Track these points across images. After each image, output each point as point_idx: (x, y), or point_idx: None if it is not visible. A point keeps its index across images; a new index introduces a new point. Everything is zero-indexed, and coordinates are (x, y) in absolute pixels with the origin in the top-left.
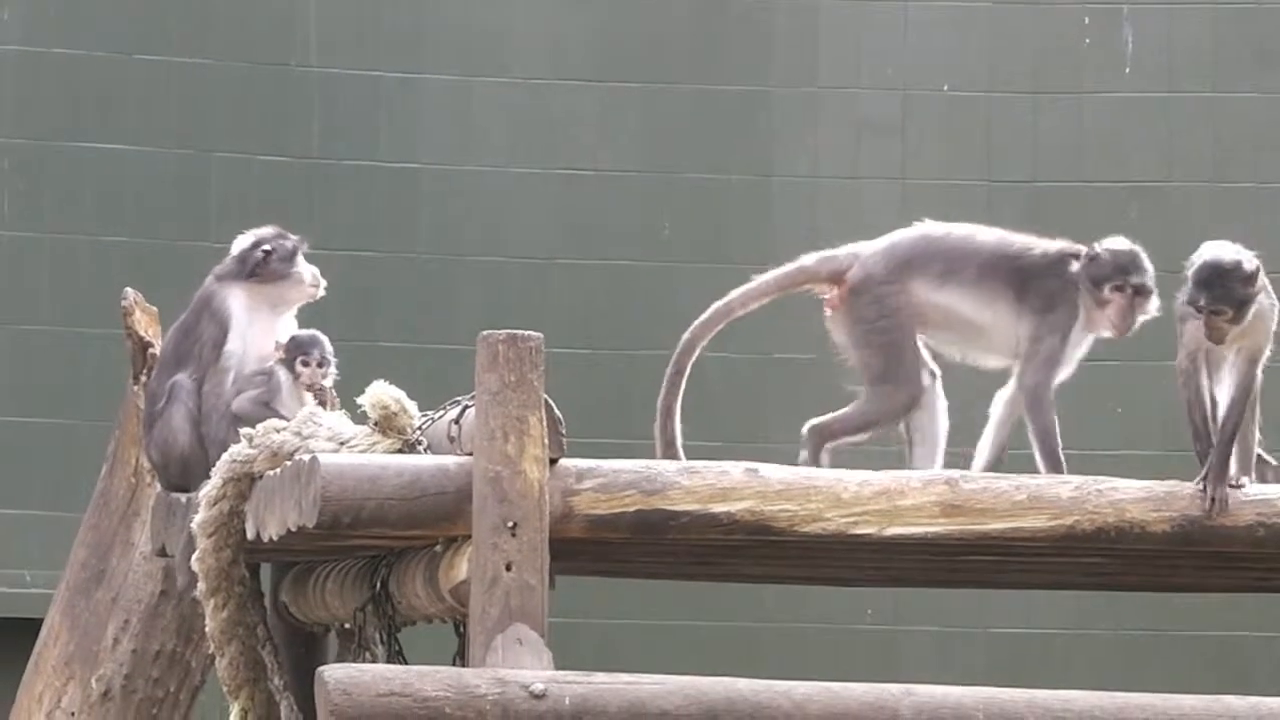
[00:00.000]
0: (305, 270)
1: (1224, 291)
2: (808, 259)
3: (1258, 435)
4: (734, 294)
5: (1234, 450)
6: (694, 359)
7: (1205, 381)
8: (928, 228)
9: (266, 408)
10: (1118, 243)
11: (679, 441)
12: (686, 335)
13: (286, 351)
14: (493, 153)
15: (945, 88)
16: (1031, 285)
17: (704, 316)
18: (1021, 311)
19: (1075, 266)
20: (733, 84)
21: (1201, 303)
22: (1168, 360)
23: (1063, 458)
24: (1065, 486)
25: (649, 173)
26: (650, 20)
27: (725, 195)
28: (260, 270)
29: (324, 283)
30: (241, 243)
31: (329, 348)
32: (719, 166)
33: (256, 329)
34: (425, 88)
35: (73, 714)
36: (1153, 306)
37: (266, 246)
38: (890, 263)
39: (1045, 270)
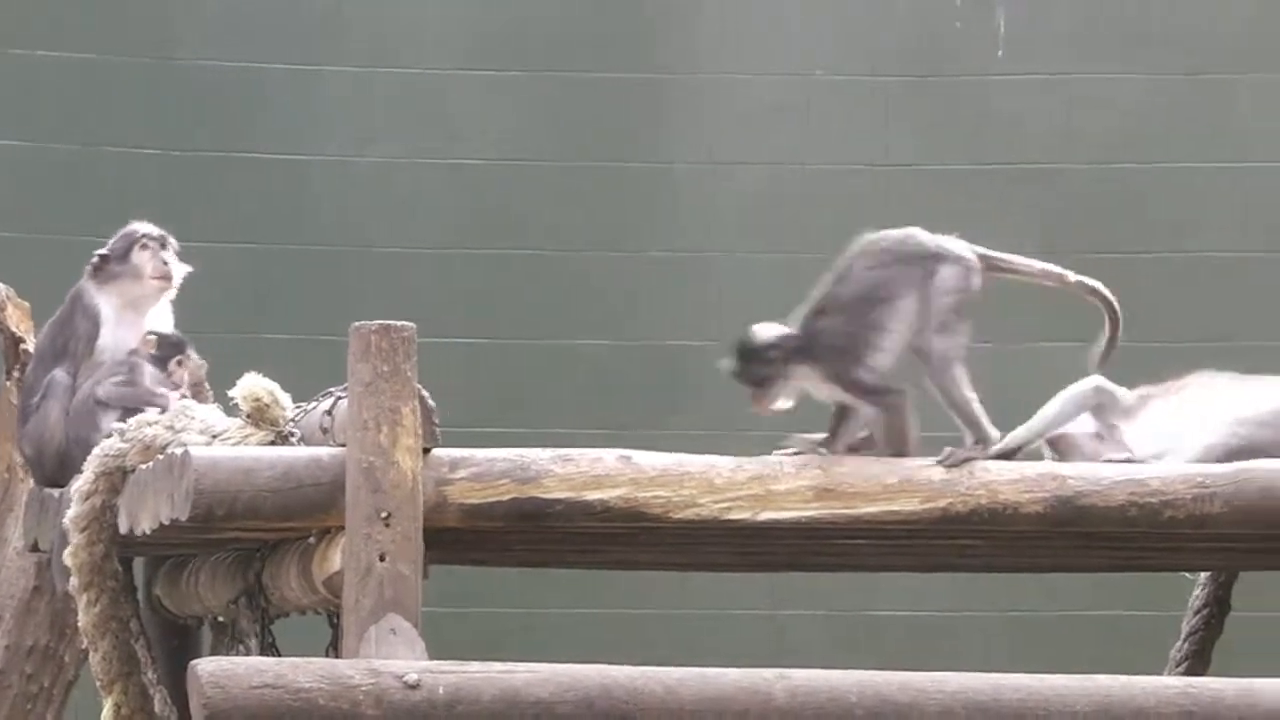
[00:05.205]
0: (145, 265)
1: None
2: None
3: None
4: None
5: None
6: None
7: None
8: None
9: (131, 385)
10: None
11: None
12: None
13: (160, 349)
14: (387, 145)
15: (818, 73)
16: None
17: None
18: None
19: None
20: (630, 71)
21: None
22: None
23: None
24: (937, 469)
25: (545, 162)
26: (546, 9)
27: (624, 184)
28: (98, 274)
29: (177, 273)
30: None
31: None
32: (617, 155)
33: (124, 325)
34: (319, 80)
35: None
36: None
37: (102, 251)
38: None
39: None
